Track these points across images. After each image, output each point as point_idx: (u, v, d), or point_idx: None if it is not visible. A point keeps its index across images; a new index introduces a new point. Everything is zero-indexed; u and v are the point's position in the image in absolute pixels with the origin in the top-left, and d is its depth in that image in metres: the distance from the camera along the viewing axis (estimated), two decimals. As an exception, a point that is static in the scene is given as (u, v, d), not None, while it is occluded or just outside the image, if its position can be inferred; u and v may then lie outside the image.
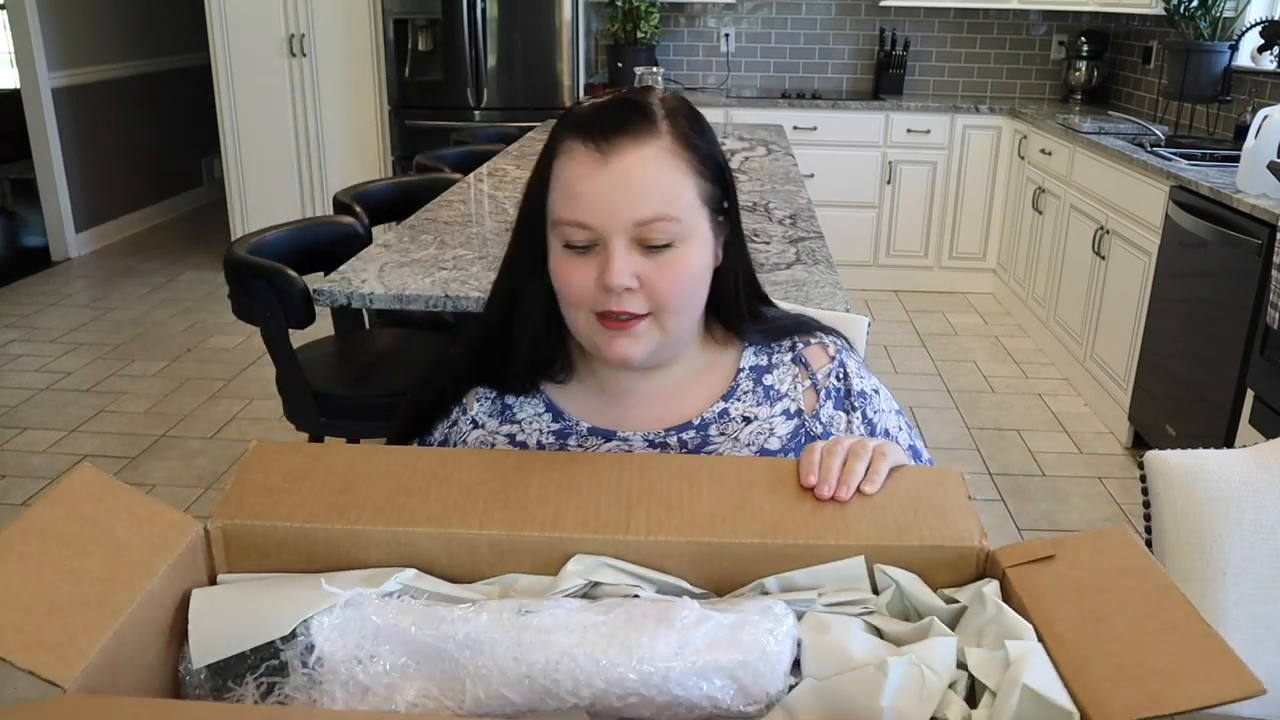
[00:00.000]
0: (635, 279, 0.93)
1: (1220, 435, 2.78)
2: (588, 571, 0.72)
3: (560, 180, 0.95)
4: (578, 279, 0.94)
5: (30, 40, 5.14)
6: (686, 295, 0.96)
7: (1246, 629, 1.19)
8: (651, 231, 0.92)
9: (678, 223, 0.93)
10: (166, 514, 0.72)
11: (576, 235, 0.94)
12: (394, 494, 0.76)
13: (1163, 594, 0.65)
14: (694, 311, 1.00)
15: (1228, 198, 2.78)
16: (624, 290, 0.92)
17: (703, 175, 0.96)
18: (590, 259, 0.94)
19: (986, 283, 5.08)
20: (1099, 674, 0.60)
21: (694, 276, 0.96)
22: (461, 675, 0.65)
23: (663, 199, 0.92)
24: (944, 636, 0.66)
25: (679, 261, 0.94)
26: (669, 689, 0.62)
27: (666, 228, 0.92)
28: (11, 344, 4.22)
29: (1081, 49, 4.99)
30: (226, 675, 0.67)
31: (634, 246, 0.93)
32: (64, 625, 0.60)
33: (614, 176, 0.92)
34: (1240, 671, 0.57)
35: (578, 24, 4.66)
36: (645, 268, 0.93)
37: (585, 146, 0.93)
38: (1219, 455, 1.22)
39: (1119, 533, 0.71)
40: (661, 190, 0.93)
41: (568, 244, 0.95)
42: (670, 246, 0.93)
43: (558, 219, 0.95)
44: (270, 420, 3.51)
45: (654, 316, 0.95)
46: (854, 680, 0.63)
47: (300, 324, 1.99)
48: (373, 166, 4.99)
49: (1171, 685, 0.57)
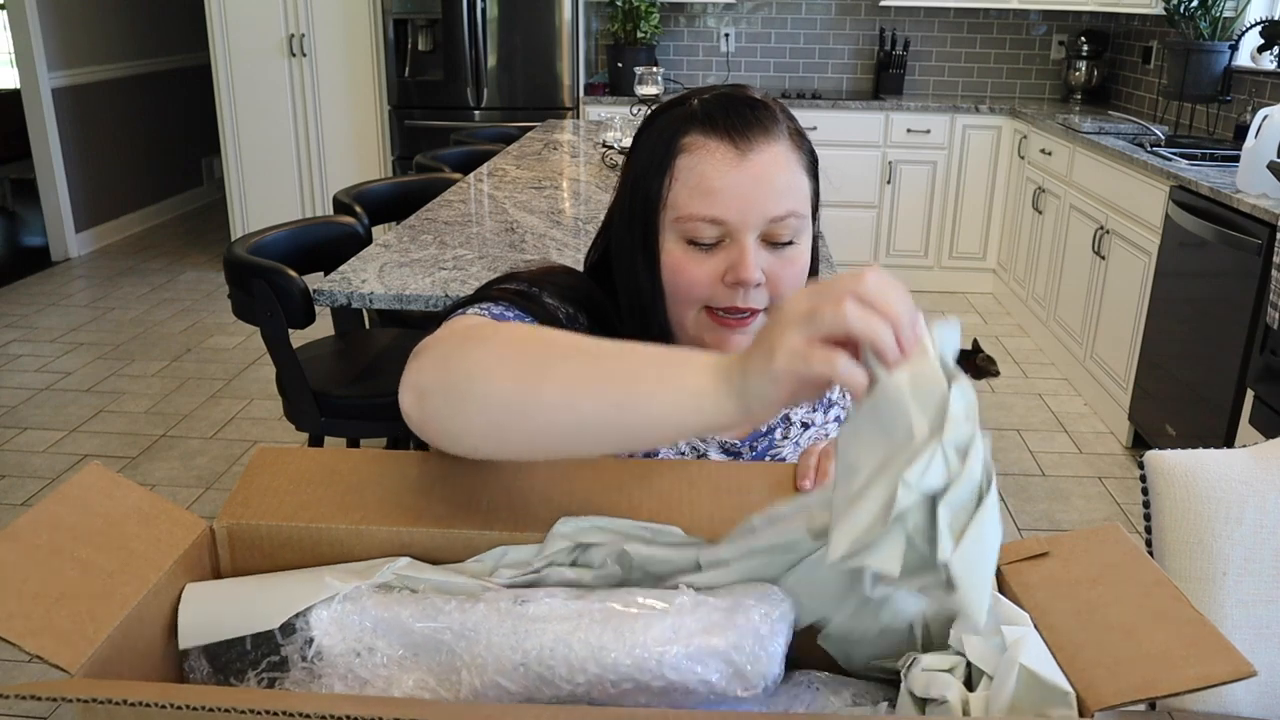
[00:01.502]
0: (763, 274, 0.94)
1: (1220, 435, 2.78)
2: (576, 534, 0.72)
3: (691, 175, 0.95)
4: (699, 274, 0.95)
5: (30, 40, 5.14)
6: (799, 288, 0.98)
7: (1247, 629, 1.19)
8: (782, 228, 0.94)
9: (803, 219, 0.96)
10: (173, 512, 0.73)
11: (706, 231, 0.94)
12: (399, 494, 0.77)
13: (1154, 585, 0.66)
14: None
15: (1228, 198, 2.78)
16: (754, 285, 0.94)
17: (811, 174, 0.99)
18: (715, 254, 0.95)
19: (987, 283, 5.08)
20: (1091, 660, 0.61)
21: (805, 270, 0.99)
22: (458, 665, 0.65)
23: (793, 196, 0.95)
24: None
25: (800, 257, 0.97)
26: (663, 674, 0.62)
27: (794, 224, 0.95)
28: (11, 344, 4.22)
29: (1081, 49, 5.00)
30: (228, 670, 0.68)
31: (761, 243, 0.95)
32: (72, 614, 0.61)
33: (753, 173, 0.93)
34: (1230, 654, 0.58)
35: (578, 24, 4.66)
36: (771, 263, 0.95)
37: (720, 142, 0.94)
38: (1219, 455, 1.22)
39: (1111, 529, 0.72)
40: (792, 187, 0.95)
41: (692, 240, 0.95)
42: (793, 243, 0.96)
43: (687, 214, 0.94)
44: (270, 420, 3.52)
45: (767, 313, 0.97)
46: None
47: (300, 324, 1.99)
48: (373, 166, 4.99)
49: (1163, 669, 0.59)
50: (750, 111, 0.95)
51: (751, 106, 0.96)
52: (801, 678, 0.71)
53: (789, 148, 0.96)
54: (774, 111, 0.97)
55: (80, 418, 3.52)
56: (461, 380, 0.71)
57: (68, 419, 3.51)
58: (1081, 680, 0.60)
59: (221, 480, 3.10)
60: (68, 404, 3.63)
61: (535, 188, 2.80)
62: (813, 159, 1.00)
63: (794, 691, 0.70)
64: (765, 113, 0.96)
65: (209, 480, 3.10)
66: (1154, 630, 0.62)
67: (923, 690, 0.65)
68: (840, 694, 0.70)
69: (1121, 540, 0.71)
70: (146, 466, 3.17)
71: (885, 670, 0.72)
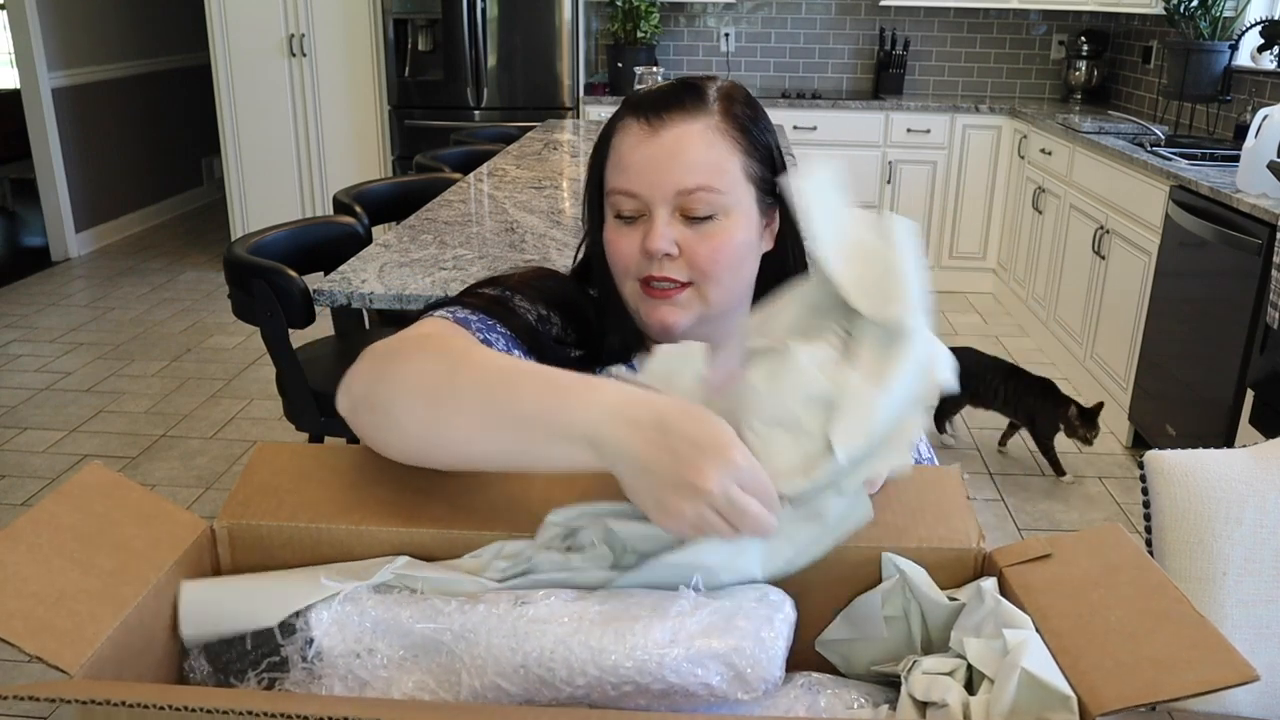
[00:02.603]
0: (676, 246, 0.97)
1: (1220, 435, 2.78)
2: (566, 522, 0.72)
3: (614, 153, 1.01)
4: (624, 246, 0.99)
5: (30, 40, 5.14)
6: (726, 266, 0.99)
7: (1247, 629, 1.19)
8: (694, 201, 0.96)
9: (719, 194, 0.97)
10: (174, 512, 0.73)
11: (625, 204, 0.99)
12: (399, 492, 0.77)
13: (1156, 588, 0.65)
14: (736, 285, 1.02)
15: (1228, 197, 2.78)
16: (664, 256, 0.97)
17: (750, 155, 0.99)
18: (637, 227, 0.99)
19: (986, 282, 5.08)
20: (1093, 664, 0.61)
21: (734, 249, 0.99)
22: (457, 667, 0.65)
23: (706, 171, 0.96)
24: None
25: (720, 233, 0.98)
26: (664, 676, 0.62)
27: (709, 198, 0.96)
28: (11, 344, 4.22)
29: (1081, 49, 5.00)
30: (228, 670, 0.68)
31: (677, 216, 0.97)
32: (71, 614, 0.61)
33: (662, 147, 0.97)
34: (1233, 658, 0.58)
35: (578, 24, 4.66)
36: (687, 237, 0.97)
37: (638, 121, 0.98)
38: (1219, 455, 1.22)
39: (1113, 530, 0.72)
40: (706, 162, 0.97)
41: (618, 214, 1.00)
42: (712, 218, 0.97)
43: (610, 189, 1.01)
44: (270, 420, 3.52)
45: (695, 286, 0.99)
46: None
47: (300, 324, 1.99)
48: (373, 166, 4.99)
49: (1165, 673, 0.58)
50: (675, 93, 0.99)
51: (681, 89, 0.99)
52: (802, 679, 0.71)
53: (714, 126, 0.97)
54: (704, 94, 0.99)
55: (80, 418, 3.52)
56: (382, 402, 0.77)
57: (68, 419, 3.51)
58: (1083, 684, 0.60)
59: (221, 480, 3.10)
60: (68, 404, 3.63)
61: (535, 188, 2.80)
62: (760, 144, 1.00)
63: (794, 694, 0.70)
64: (692, 94, 0.99)
65: (209, 480, 3.10)
66: (1156, 633, 0.61)
67: (923, 694, 0.65)
68: (841, 696, 0.70)
69: (1124, 542, 0.70)
70: (146, 466, 3.17)
71: (886, 673, 0.72)
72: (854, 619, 0.73)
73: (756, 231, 1.02)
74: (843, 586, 0.74)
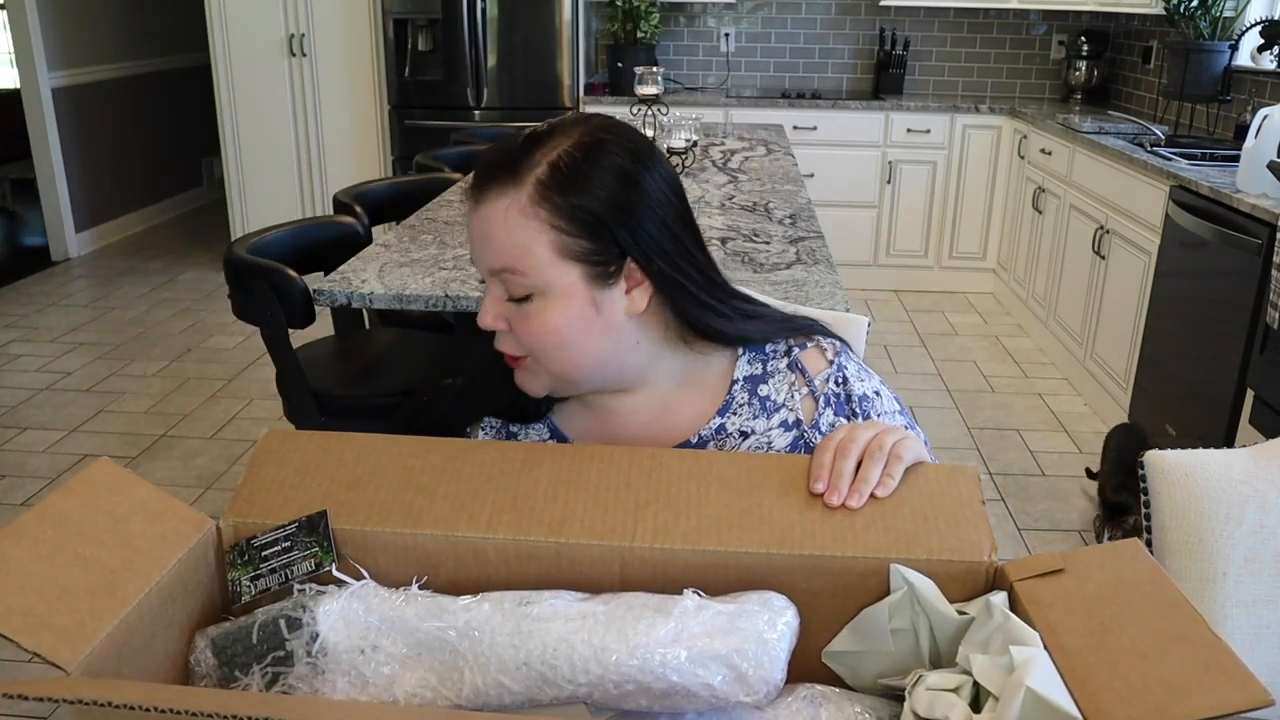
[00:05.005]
0: (504, 321, 0.96)
1: (1220, 435, 2.78)
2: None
3: None
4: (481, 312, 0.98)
5: (30, 40, 5.14)
6: (553, 346, 0.95)
7: (1248, 629, 1.19)
8: (507, 282, 0.94)
9: (524, 277, 0.92)
10: (180, 509, 0.73)
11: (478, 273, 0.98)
12: (402, 491, 0.77)
13: (1172, 607, 0.64)
14: (582, 359, 0.97)
15: (1228, 197, 2.78)
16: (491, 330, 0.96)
17: (564, 230, 0.92)
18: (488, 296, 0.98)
19: (986, 282, 5.08)
20: (1104, 684, 0.59)
21: (555, 330, 0.94)
22: (460, 664, 0.65)
23: (510, 253, 0.92)
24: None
25: (537, 314, 0.94)
26: (666, 676, 0.62)
27: (517, 280, 0.93)
28: (11, 344, 4.22)
29: (1081, 49, 5.00)
30: (233, 665, 0.68)
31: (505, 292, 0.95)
32: (72, 610, 0.61)
33: (477, 224, 0.94)
34: (1248, 682, 0.56)
35: (578, 24, 4.66)
36: (513, 314, 0.95)
37: (467, 192, 0.97)
38: (1219, 455, 1.22)
39: (1130, 545, 0.69)
40: (508, 245, 0.92)
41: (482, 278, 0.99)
42: (529, 299, 0.94)
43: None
44: (270, 420, 3.51)
45: (533, 358, 0.97)
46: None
47: (300, 324, 1.99)
48: (373, 166, 4.99)
49: (1177, 696, 0.57)
50: (497, 165, 0.94)
51: (496, 162, 0.94)
52: (804, 691, 0.71)
53: (519, 207, 0.91)
54: (518, 168, 0.92)
55: (80, 418, 3.52)
56: None
57: (68, 419, 3.51)
58: (1090, 705, 0.58)
59: (221, 480, 3.10)
60: (68, 404, 3.63)
61: (535, 188, 2.80)
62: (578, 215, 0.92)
63: (796, 705, 0.69)
64: (503, 169, 0.93)
65: (209, 480, 3.10)
66: (1169, 654, 0.60)
67: (926, 709, 0.64)
68: (842, 709, 0.70)
69: (1140, 558, 0.68)
70: (146, 466, 3.17)
71: (892, 687, 0.71)
72: (861, 631, 0.71)
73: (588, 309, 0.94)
74: (850, 597, 0.72)
